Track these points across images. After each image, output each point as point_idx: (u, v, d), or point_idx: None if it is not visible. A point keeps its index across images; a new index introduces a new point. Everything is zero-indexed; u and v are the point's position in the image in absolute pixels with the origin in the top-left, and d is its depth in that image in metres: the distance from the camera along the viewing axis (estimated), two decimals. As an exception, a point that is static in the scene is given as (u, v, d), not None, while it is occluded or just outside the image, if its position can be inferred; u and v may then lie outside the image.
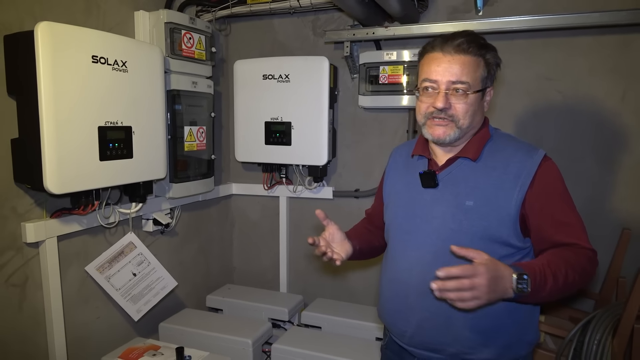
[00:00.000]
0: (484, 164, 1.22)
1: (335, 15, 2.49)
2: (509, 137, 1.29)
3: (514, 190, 1.16)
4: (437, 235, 1.22)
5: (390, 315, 1.35)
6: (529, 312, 1.24)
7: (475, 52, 1.17)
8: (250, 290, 2.69)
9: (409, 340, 1.29)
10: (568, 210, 1.18)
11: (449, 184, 1.24)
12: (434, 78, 1.19)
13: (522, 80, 2.18)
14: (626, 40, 2.01)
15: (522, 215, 1.17)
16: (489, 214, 1.17)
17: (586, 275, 1.14)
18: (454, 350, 1.22)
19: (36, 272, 1.73)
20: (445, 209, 1.22)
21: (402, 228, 1.31)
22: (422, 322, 1.25)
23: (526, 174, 1.17)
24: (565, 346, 1.79)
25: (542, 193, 1.16)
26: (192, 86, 2.25)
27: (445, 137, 1.21)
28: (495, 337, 1.20)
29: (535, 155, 1.19)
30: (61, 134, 1.53)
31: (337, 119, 2.56)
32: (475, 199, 1.19)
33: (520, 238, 1.19)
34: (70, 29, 1.56)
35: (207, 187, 2.45)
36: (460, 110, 1.18)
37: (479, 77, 1.18)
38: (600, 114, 2.09)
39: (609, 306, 1.82)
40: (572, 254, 1.12)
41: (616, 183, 2.10)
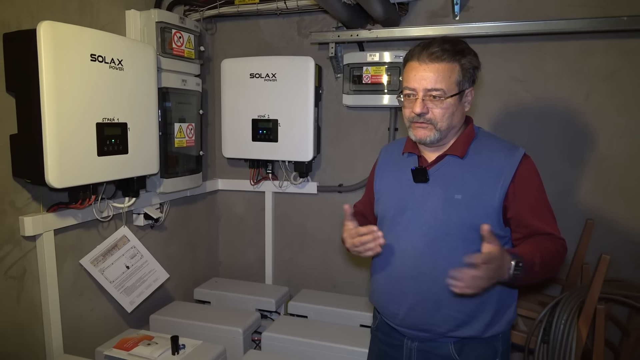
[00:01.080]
0: (470, 160, 1.34)
1: (319, 16, 2.59)
2: (491, 136, 1.42)
3: (498, 184, 1.29)
4: (428, 226, 1.33)
5: (383, 299, 1.45)
6: (508, 294, 1.37)
7: (450, 58, 1.28)
8: (236, 282, 2.77)
9: (400, 322, 1.41)
10: (543, 203, 1.33)
11: (438, 179, 1.35)
12: (412, 86, 1.30)
13: (496, 82, 2.34)
14: (589, 45, 2.19)
15: (504, 207, 1.30)
16: (476, 207, 1.29)
17: (560, 261, 1.29)
18: (442, 329, 1.35)
19: (33, 265, 1.77)
20: (436, 202, 1.33)
21: (395, 220, 1.41)
22: (413, 305, 1.36)
23: (508, 170, 1.29)
24: (536, 327, 1.94)
25: (522, 187, 1.30)
26: (182, 84, 2.31)
27: (426, 139, 1.32)
28: (479, 316, 1.33)
29: (516, 154, 1.32)
30: (62, 130, 1.58)
31: (322, 116, 2.66)
32: (463, 193, 1.31)
33: (502, 228, 1.32)
34: (70, 28, 1.60)
35: (196, 183, 2.51)
36: (437, 114, 1.29)
37: (454, 82, 1.29)
38: (566, 113, 2.26)
39: (574, 290, 1.98)
40: (550, 243, 1.27)
41: (580, 177, 2.28)
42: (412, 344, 1.42)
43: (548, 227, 1.30)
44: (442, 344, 1.37)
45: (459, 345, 1.36)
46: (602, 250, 1.83)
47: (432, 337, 1.38)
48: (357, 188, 2.61)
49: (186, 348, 1.94)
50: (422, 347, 1.40)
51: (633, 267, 2.20)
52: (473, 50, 1.33)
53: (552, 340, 1.88)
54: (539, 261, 1.20)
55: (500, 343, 1.39)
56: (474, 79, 1.35)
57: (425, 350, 1.40)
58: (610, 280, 2.06)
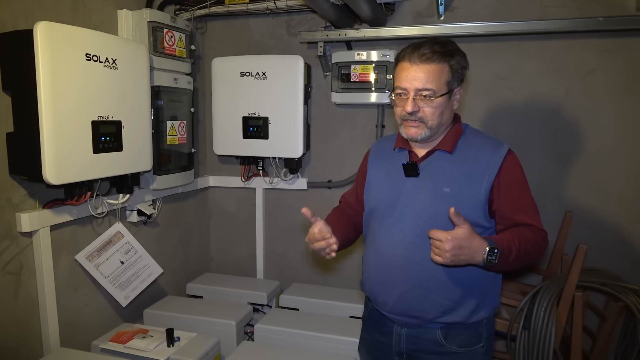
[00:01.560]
0: (458, 155, 1.41)
1: (308, 16, 2.64)
2: (478, 133, 1.49)
3: (484, 178, 1.36)
4: (418, 218, 1.40)
5: (374, 287, 1.51)
6: (492, 282, 1.45)
7: (439, 59, 1.34)
8: (228, 277, 2.82)
9: (390, 309, 1.47)
10: (527, 196, 1.41)
11: (428, 173, 1.42)
12: (404, 86, 1.36)
13: (479, 80, 2.42)
14: (568, 45, 2.28)
15: (490, 200, 1.38)
16: (463, 199, 1.36)
17: (539, 251, 1.38)
18: (430, 316, 1.42)
19: (30, 261, 1.81)
20: (426, 195, 1.40)
21: (387, 212, 1.47)
22: (404, 293, 1.42)
23: (494, 165, 1.37)
24: (517, 314, 2.03)
25: (506, 181, 1.37)
26: (174, 82, 2.36)
27: (417, 137, 1.39)
28: (465, 303, 1.40)
29: (501, 149, 1.39)
30: (59, 128, 1.62)
31: (311, 114, 2.72)
32: (451, 187, 1.38)
33: (487, 219, 1.39)
34: (66, 28, 1.64)
35: (188, 180, 2.56)
36: (428, 113, 1.36)
37: (444, 82, 1.35)
38: (547, 110, 2.35)
39: (553, 278, 2.07)
40: (530, 233, 1.35)
41: (560, 171, 2.37)
42: (402, 330, 1.48)
43: (530, 219, 1.38)
44: (429, 329, 1.44)
45: (446, 331, 1.43)
46: (581, 241, 1.93)
47: (421, 323, 1.45)
48: (346, 183, 2.68)
49: (181, 340, 1.99)
50: (410, 332, 1.47)
51: (609, 256, 2.31)
52: (462, 51, 1.40)
53: (532, 326, 1.97)
54: (515, 248, 1.28)
55: (485, 328, 1.47)
56: (463, 79, 1.41)
57: (414, 336, 1.47)
58: (588, 269, 2.15)
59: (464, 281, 1.38)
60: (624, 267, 2.27)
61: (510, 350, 2.07)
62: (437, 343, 1.44)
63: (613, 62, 2.23)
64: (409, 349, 1.48)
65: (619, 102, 2.25)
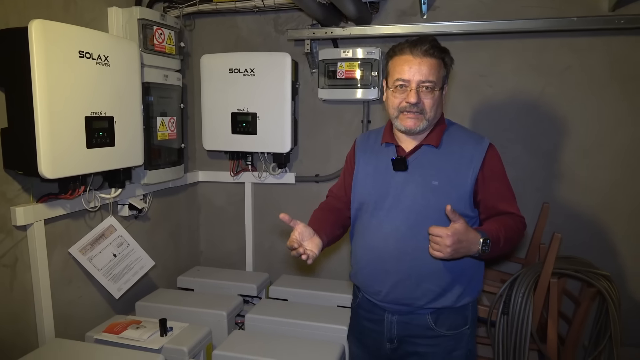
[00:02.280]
0: (444, 149, 1.49)
1: (295, 14, 2.71)
2: (460, 127, 1.58)
3: (469, 171, 1.45)
4: (409, 211, 1.47)
5: (366, 278, 1.58)
6: (476, 268, 1.54)
7: (438, 55, 1.43)
8: (218, 270, 2.87)
9: (383, 298, 1.54)
10: (507, 186, 1.51)
11: (417, 167, 1.49)
12: (407, 77, 1.42)
13: (460, 77, 2.51)
14: (544, 43, 2.38)
15: (474, 191, 1.46)
16: (451, 192, 1.45)
17: (520, 236, 1.48)
18: (421, 302, 1.50)
19: (25, 254, 1.85)
20: (415, 188, 1.47)
21: (377, 205, 1.53)
22: (396, 282, 1.50)
23: (477, 158, 1.45)
24: (497, 300, 2.13)
25: (489, 174, 1.46)
26: (164, 79, 2.40)
27: (416, 128, 1.45)
28: (453, 288, 1.49)
29: (483, 143, 1.48)
30: (54, 124, 1.66)
31: (298, 110, 2.79)
32: (439, 180, 1.45)
33: (472, 209, 1.48)
34: (59, 26, 1.68)
35: (178, 174, 2.61)
36: (428, 105, 1.43)
37: (441, 76, 1.44)
38: (524, 106, 2.46)
39: (531, 266, 2.18)
40: (512, 221, 1.44)
41: (537, 165, 2.48)
42: (393, 317, 1.55)
43: (511, 207, 1.48)
44: (420, 315, 1.52)
45: (435, 315, 1.51)
46: (557, 231, 2.03)
47: (412, 309, 1.52)
48: (332, 178, 2.75)
49: (174, 330, 2.04)
50: (402, 319, 1.54)
51: (583, 245, 2.42)
52: (448, 50, 1.49)
53: (511, 312, 2.07)
54: (503, 236, 1.37)
55: (470, 311, 1.56)
56: (449, 75, 1.51)
57: (405, 322, 1.54)
58: (563, 257, 2.27)
59: (453, 268, 1.46)
60: (597, 255, 2.39)
61: (490, 335, 2.17)
62: (428, 327, 1.52)
63: (587, 60, 2.34)
64: (400, 335, 1.55)
65: (592, 99, 2.36)
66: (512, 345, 2.06)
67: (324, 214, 1.67)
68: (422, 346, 1.53)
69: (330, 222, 1.63)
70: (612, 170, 2.38)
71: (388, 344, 1.58)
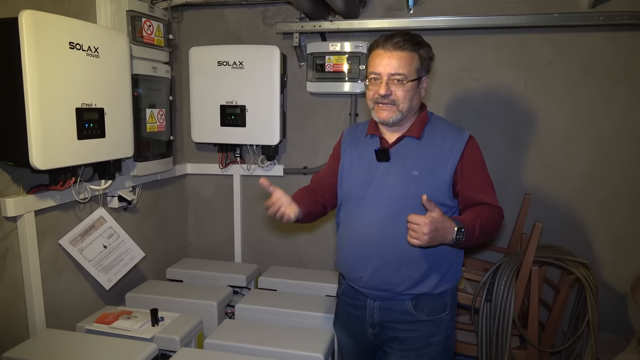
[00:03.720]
0: (425, 141, 1.55)
1: (283, 7, 2.73)
2: (442, 120, 1.63)
3: (448, 162, 1.51)
4: (390, 199, 1.53)
5: (349, 264, 1.64)
6: (455, 256, 1.60)
7: (410, 48, 1.48)
8: (207, 262, 2.90)
9: (364, 284, 1.60)
10: (486, 178, 1.56)
11: (398, 157, 1.55)
12: (378, 71, 1.49)
13: (445, 71, 2.57)
14: (526, 39, 2.45)
15: (453, 181, 1.52)
16: (430, 181, 1.51)
17: (498, 227, 1.53)
18: (400, 288, 1.55)
19: (15, 245, 1.84)
20: (396, 178, 1.53)
21: (360, 194, 1.59)
22: (377, 268, 1.56)
23: (457, 150, 1.51)
24: (480, 288, 2.20)
25: (468, 165, 1.52)
26: (152, 71, 2.40)
27: (389, 119, 1.51)
28: (432, 275, 1.55)
29: (463, 135, 1.54)
30: (45, 115, 1.66)
31: (287, 103, 2.81)
32: (419, 170, 1.51)
33: (451, 199, 1.54)
34: (49, 17, 1.68)
35: (167, 166, 2.62)
36: (399, 96, 1.49)
37: (414, 69, 1.49)
38: (507, 99, 2.53)
39: (512, 255, 2.25)
40: (489, 212, 1.49)
41: (519, 157, 2.56)
42: (374, 303, 1.61)
43: (489, 198, 1.54)
44: (400, 301, 1.58)
45: (415, 301, 1.57)
46: (538, 220, 2.10)
47: (392, 295, 1.58)
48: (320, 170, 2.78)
49: (165, 320, 2.06)
50: (383, 305, 1.60)
51: (563, 234, 2.52)
52: (428, 44, 1.53)
53: (494, 299, 2.14)
54: (478, 226, 1.42)
55: (449, 298, 1.62)
56: (429, 69, 1.55)
57: (386, 308, 1.60)
58: (544, 246, 2.35)
59: (431, 256, 1.52)
60: (576, 243, 2.48)
61: (474, 321, 2.24)
62: (408, 313, 1.58)
63: (566, 56, 2.42)
64: (382, 320, 1.61)
65: (572, 93, 2.44)
66: (495, 331, 2.14)
67: (304, 191, 1.72)
68: (403, 331, 1.59)
69: (309, 198, 1.67)
70: (586, 161, 2.48)
71: (370, 329, 1.64)
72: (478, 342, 2.20)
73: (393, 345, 1.63)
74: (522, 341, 2.30)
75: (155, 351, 1.80)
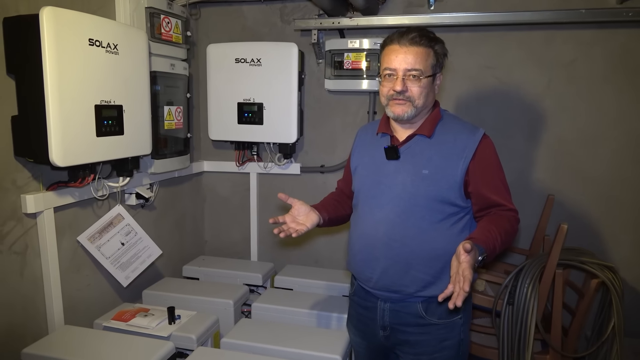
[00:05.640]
0: (437, 139, 1.51)
1: (301, 4, 2.70)
2: (455, 118, 1.59)
3: (460, 161, 1.46)
4: (399, 198, 1.50)
5: (359, 264, 1.61)
6: None
7: (426, 44, 1.44)
8: (223, 260, 2.89)
9: (374, 285, 1.57)
10: (500, 178, 1.51)
11: (408, 156, 1.52)
12: (393, 66, 1.45)
13: (465, 68, 2.51)
14: (550, 35, 2.39)
15: (465, 181, 1.48)
16: (440, 181, 1.47)
17: (515, 234, 1.49)
18: (410, 290, 1.52)
19: (35, 241, 1.85)
20: (406, 176, 1.50)
21: (370, 193, 1.57)
22: (386, 269, 1.52)
23: (469, 148, 1.47)
24: (502, 291, 2.15)
25: (481, 164, 1.47)
26: (170, 68, 2.40)
27: (403, 115, 1.48)
28: (443, 277, 1.49)
29: (477, 134, 1.49)
30: (64, 112, 1.66)
31: (304, 100, 2.79)
32: (429, 169, 1.48)
33: (463, 199, 1.50)
34: (70, 13, 1.67)
35: (184, 164, 2.61)
36: (415, 92, 1.45)
37: (429, 64, 1.45)
38: (529, 97, 2.47)
39: (536, 257, 2.20)
40: (507, 223, 1.44)
41: (541, 156, 2.50)
42: (385, 304, 1.58)
43: (502, 199, 1.49)
44: (411, 303, 1.55)
45: (426, 304, 1.54)
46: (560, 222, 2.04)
47: (402, 297, 1.55)
48: (338, 169, 2.76)
49: (181, 318, 2.06)
50: (393, 307, 1.57)
51: (589, 236, 2.45)
52: (442, 40, 1.50)
53: (516, 302, 2.09)
54: (499, 245, 1.38)
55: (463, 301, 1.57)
56: (443, 65, 1.52)
57: (396, 310, 1.57)
58: (567, 249, 2.28)
59: (442, 257, 1.47)
60: (600, 246, 2.41)
61: (495, 325, 2.20)
62: (418, 316, 1.54)
63: (590, 54, 2.35)
64: (392, 323, 1.58)
65: (598, 91, 2.37)
66: (517, 335, 2.09)
67: (331, 196, 1.81)
68: (413, 334, 1.56)
69: (334, 202, 1.74)
70: (612, 161, 2.40)
71: (381, 331, 1.61)
72: (499, 346, 2.15)
73: (404, 349, 1.60)
74: (544, 346, 2.25)
75: (172, 350, 1.80)
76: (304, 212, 1.61)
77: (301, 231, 1.57)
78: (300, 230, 1.56)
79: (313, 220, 1.61)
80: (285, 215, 1.60)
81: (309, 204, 1.65)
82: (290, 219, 1.59)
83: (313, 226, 1.61)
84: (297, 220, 1.60)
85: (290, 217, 1.60)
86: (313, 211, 1.62)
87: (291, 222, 1.59)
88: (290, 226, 1.57)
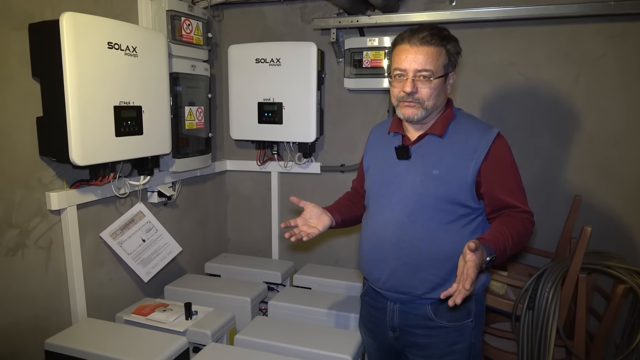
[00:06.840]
0: (448, 139, 1.47)
1: (321, 3, 2.70)
2: (469, 117, 1.55)
3: (472, 161, 1.42)
4: (409, 198, 1.48)
5: (368, 265, 1.60)
6: None
7: (438, 43, 1.40)
8: (245, 257, 2.93)
9: (383, 285, 1.56)
10: (514, 179, 1.46)
11: (419, 156, 1.49)
12: (403, 67, 1.42)
13: (489, 65, 2.44)
14: (578, 30, 2.29)
15: (477, 182, 1.44)
16: (451, 181, 1.43)
17: (529, 236, 1.44)
18: (419, 291, 1.50)
19: (59, 237, 1.94)
20: (416, 176, 1.47)
21: (380, 193, 1.56)
22: (394, 269, 1.51)
23: (482, 148, 1.43)
24: (522, 295, 2.08)
25: (493, 165, 1.43)
26: (191, 69, 2.45)
27: (413, 117, 1.45)
28: (452, 279, 1.41)
29: (490, 133, 1.45)
30: (84, 113, 1.73)
31: (324, 99, 2.79)
32: (440, 169, 1.44)
33: (475, 200, 1.46)
34: (89, 18, 1.74)
35: (205, 163, 2.66)
36: (425, 94, 1.42)
37: (441, 64, 1.41)
38: (556, 95, 2.37)
39: (558, 260, 2.11)
40: (520, 225, 1.39)
41: (569, 156, 2.39)
42: (394, 305, 1.57)
43: (516, 200, 1.43)
44: (420, 305, 1.52)
45: (435, 306, 1.51)
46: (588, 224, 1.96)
47: (411, 298, 1.53)
48: (357, 168, 2.74)
49: (198, 314, 2.10)
50: (402, 308, 1.56)
51: (616, 239, 2.33)
52: (455, 38, 1.45)
53: (536, 306, 2.02)
54: (510, 246, 1.33)
55: (474, 304, 1.53)
56: (456, 64, 1.47)
57: (406, 311, 1.55)
58: (594, 252, 2.19)
59: (452, 259, 1.43)
60: (630, 249, 2.30)
61: (515, 329, 2.13)
62: (428, 318, 1.52)
63: (621, 48, 2.23)
64: (401, 324, 1.57)
65: (629, 87, 2.25)
66: (537, 341, 2.02)
67: (345, 196, 1.82)
68: (422, 337, 1.54)
69: (348, 203, 1.74)
70: (646, 162, 2.28)
71: (391, 332, 1.60)
72: (518, 351, 2.08)
73: (413, 351, 1.58)
74: (568, 353, 2.16)
75: (185, 345, 1.84)
76: (316, 214, 1.61)
77: (312, 234, 1.55)
78: (312, 233, 1.55)
79: (325, 222, 1.60)
80: (297, 219, 1.60)
81: (325, 205, 1.65)
82: (302, 222, 1.59)
83: (325, 229, 1.60)
84: (308, 224, 1.59)
85: (302, 220, 1.60)
86: (325, 213, 1.62)
87: (303, 226, 1.58)
88: (302, 229, 1.57)
